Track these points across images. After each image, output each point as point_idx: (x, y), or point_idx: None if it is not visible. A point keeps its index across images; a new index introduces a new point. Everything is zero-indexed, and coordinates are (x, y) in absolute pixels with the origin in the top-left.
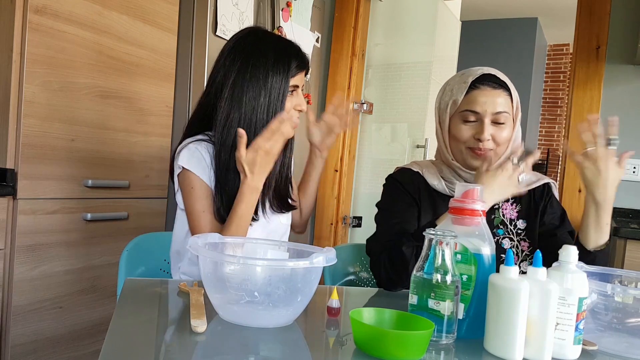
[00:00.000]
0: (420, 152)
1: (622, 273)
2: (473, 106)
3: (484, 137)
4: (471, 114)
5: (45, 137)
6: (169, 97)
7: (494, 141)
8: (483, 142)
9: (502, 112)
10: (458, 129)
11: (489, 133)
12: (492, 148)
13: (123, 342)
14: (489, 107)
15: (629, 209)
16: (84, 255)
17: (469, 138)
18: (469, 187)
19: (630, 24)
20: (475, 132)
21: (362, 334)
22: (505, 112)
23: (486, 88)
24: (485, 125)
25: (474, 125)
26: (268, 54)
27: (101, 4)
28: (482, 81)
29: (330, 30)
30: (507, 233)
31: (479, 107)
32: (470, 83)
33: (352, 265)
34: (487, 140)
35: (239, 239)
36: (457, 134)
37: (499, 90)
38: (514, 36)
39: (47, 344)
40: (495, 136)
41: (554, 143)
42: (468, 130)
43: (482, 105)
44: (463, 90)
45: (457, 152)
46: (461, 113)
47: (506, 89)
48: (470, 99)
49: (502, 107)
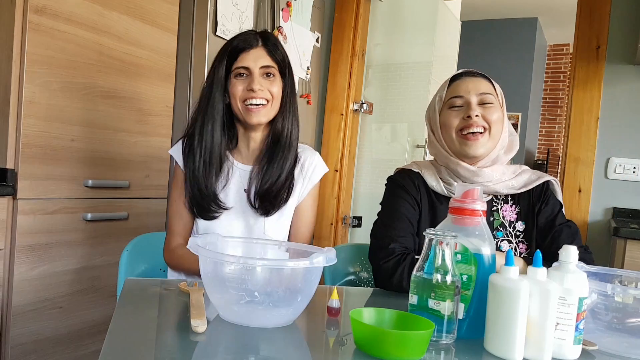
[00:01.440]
0: (420, 152)
1: (622, 273)
2: (457, 92)
3: (472, 113)
4: (457, 99)
5: (45, 137)
6: (169, 97)
7: (485, 120)
8: (472, 119)
9: (486, 93)
10: (447, 116)
11: (478, 111)
12: (485, 127)
13: (123, 342)
14: (472, 90)
15: (629, 209)
16: (84, 255)
17: (459, 121)
18: (469, 187)
19: (630, 24)
20: (464, 114)
21: (362, 334)
22: (490, 94)
23: (466, 77)
24: (472, 103)
25: (461, 110)
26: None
27: (101, 4)
28: (462, 74)
29: (330, 30)
30: (506, 235)
31: (462, 91)
32: (451, 78)
33: (352, 265)
34: (476, 116)
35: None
36: (447, 122)
37: (479, 77)
38: (514, 36)
39: (47, 344)
40: (484, 115)
41: (554, 143)
42: (457, 114)
43: (466, 89)
44: (445, 87)
45: (450, 141)
46: (447, 102)
47: (486, 78)
48: (453, 88)
49: (485, 89)
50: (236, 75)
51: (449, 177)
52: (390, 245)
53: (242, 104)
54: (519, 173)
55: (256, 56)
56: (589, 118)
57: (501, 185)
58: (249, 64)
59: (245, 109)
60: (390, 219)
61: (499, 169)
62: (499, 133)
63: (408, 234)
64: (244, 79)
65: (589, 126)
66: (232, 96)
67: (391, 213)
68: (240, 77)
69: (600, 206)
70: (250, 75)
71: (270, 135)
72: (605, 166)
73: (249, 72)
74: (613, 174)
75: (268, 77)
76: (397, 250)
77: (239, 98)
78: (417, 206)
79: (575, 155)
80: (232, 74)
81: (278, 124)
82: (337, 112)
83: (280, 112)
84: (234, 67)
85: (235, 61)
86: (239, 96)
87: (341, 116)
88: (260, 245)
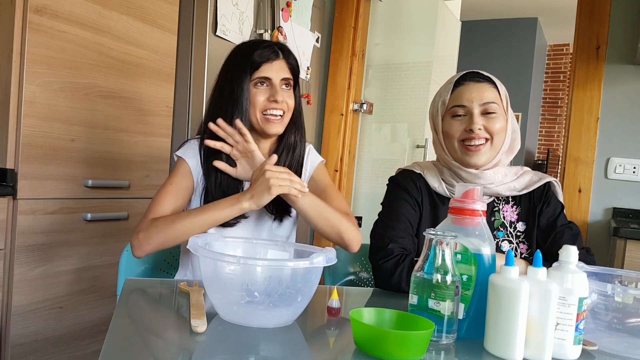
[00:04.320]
0: (420, 152)
1: (622, 273)
2: (460, 100)
3: (474, 127)
4: (459, 108)
5: (45, 137)
6: (169, 97)
7: (487, 131)
8: (475, 132)
9: (489, 102)
10: (449, 125)
11: (480, 124)
12: (487, 138)
13: (123, 342)
14: (476, 99)
15: (629, 209)
16: (84, 255)
17: (461, 132)
18: (469, 187)
19: (630, 24)
20: (466, 125)
21: (362, 334)
22: (494, 103)
23: (470, 83)
24: (475, 115)
25: (464, 119)
26: (237, 53)
27: (101, 4)
28: (466, 78)
29: (330, 30)
30: (507, 235)
31: (465, 100)
32: (455, 82)
33: (352, 265)
34: (479, 129)
35: (240, 239)
36: (449, 131)
37: (483, 83)
38: (514, 36)
39: (47, 344)
40: (487, 126)
41: (554, 143)
42: (459, 124)
43: (469, 98)
44: (449, 90)
45: (452, 150)
46: (450, 110)
47: (491, 82)
48: (456, 95)
49: (489, 97)
50: (256, 84)
51: (452, 178)
52: (389, 246)
53: (261, 113)
54: (521, 175)
55: (278, 67)
56: (589, 118)
57: (503, 187)
58: (271, 75)
59: (264, 119)
60: (391, 220)
61: (500, 171)
62: (501, 141)
63: (407, 235)
64: (264, 89)
65: (589, 126)
66: (251, 105)
67: (391, 213)
68: (261, 87)
69: (600, 206)
70: (271, 86)
71: (283, 147)
72: (605, 166)
73: (269, 82)
74: (613, 174)
75: (286, 89)
76: (395, 250)
77: (260, 108)
78: (417, 207)
79: (575, 155)
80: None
81: (290, 135)
82: (337, 112)
83: (292, 122)
84: (255, 76)
85: (256, 70)
86: (259, 106)
87: (341, 116)
88: (260, 245)
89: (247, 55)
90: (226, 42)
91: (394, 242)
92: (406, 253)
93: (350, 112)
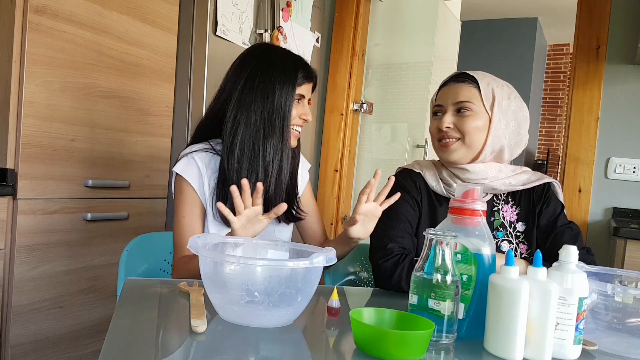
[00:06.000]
0: (420, 152)
1: (622, 273)
2: (439, 100)
3: (442, 125)
4: (437, 108)
5: (45, 137)
6: (169, 97)
7: (458, 130)
8: (443, 131)
9: (463, 101)
10: (431, 123)
11: (449, 122)
12: (458, 137)
13: (123, 342)
14: (450, 98)
15: (629, 209)
16: (84, 255)
17: (435, 130)
18: (469, 187)
19: (630, 24)
20: (439, 123)
21: (362, 334)
22: (468, 102)
23: (452, 83)
24: (445, 114)
25: (439, 117)
26: (276, 62)
27: (101, 4)
28: (452, 79)
29: (330, 30)
30: (507, 235)
31: (441, 100)
32: (442, 82)
33: (352, 265)
34: (447, 127)
35: (240, 239)
36: (430, 129)
37: (463, 84)
38: (514, 36)
39: (47, 344)
40: (457, 124)
41: (554, 143)
42: (435, 123)
43: (445, 97)
44: (437, 90)
45: (434, 147)
46: (433, 109)
47: (474, 82)
48: (439, 95)
49: (464, 97)
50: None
51: (449, 177)
52: (389, 245)
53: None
54: (519, 172)
55: (309, 88)
56: (589, 118)
57: (498, 183)
58: (306, 94)
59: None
60: (390, 219)
61: (494, 166)
62: (477, 140)
63: (407, 234)
64: (297, 104)
65: (589, 126)
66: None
67: (391, 213)
68: (296, 102)
69: (600, 206)
70: (303, 104)
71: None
72: (605, 166)
73: (302, 100)
74: (613, 174)
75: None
76: (395, 250)
77: (293, 122)
78: (417, 207)
79: (575, 155)
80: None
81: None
82: (337, 112)
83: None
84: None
85: (299, 87)
86: (293, 120)
87: (341, 116)
88: (260, 245)
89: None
90: (226, 42)
91: (394, 241)
92: (406, 253)
93: (350, 112)
